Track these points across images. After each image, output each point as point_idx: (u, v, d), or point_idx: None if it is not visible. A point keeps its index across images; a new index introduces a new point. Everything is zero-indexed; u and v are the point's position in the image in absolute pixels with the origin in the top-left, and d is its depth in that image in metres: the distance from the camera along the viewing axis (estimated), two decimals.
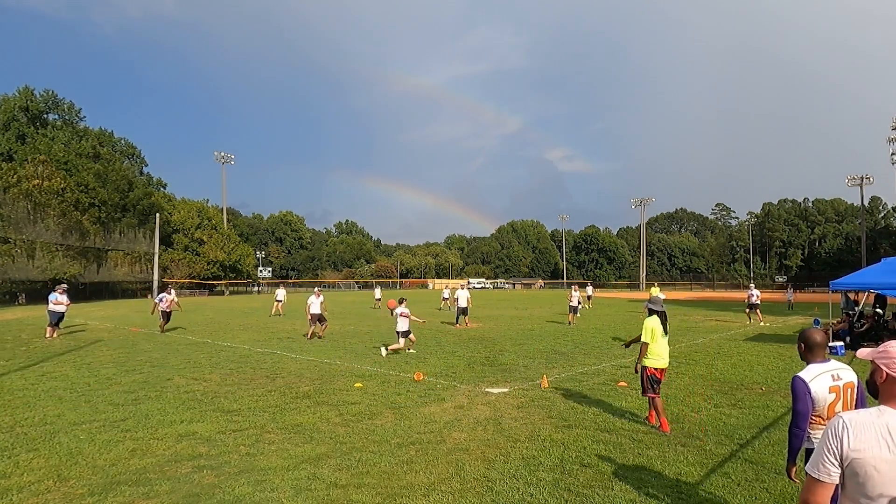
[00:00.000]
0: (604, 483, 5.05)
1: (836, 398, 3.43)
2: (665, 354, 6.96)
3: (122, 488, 4.99)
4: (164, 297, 19.65)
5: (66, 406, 8.10)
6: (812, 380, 3.44)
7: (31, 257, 41.93)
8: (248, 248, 76.69)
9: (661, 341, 6.89)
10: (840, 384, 3.46)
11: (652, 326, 6.86)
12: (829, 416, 3.46)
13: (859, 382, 3.50)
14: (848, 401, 3.45)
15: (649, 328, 6.86)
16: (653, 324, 6.88)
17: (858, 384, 3.51)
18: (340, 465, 5.56)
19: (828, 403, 3.42)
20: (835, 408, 3.43)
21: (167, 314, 19.41)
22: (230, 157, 75.07)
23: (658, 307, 7.04)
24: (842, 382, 3.47)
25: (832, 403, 3.42)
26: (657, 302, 7.11)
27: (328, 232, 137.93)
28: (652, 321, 6.91)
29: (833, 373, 3.50)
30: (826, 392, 3.42)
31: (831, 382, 3.44)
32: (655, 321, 6.92)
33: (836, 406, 3.43)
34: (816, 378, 3.45)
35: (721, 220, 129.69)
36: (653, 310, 7.04)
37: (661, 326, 6.91)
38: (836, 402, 3.43)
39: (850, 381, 3.51)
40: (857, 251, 74.32)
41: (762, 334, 17.79)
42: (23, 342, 16.14)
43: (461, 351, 13.92)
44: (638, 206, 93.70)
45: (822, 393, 3.40)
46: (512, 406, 8.00)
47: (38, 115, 60.26)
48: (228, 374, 10.70)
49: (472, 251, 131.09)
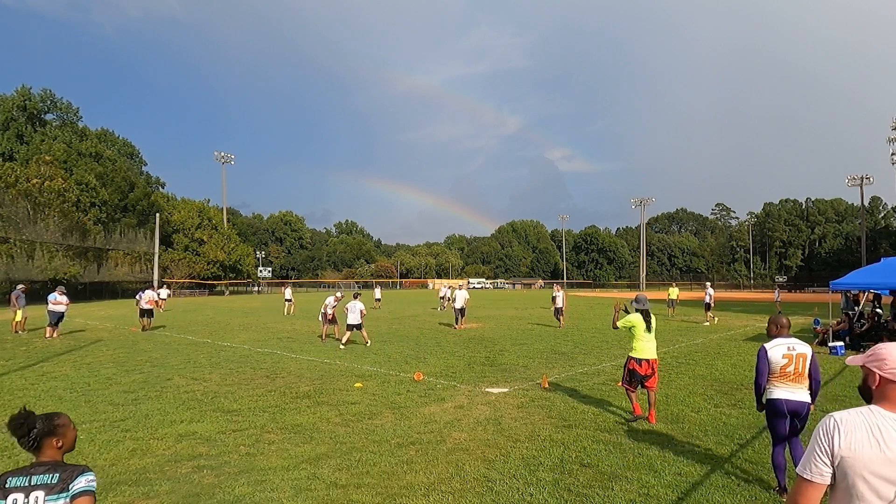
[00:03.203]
0: (604, 483, 5.05)
1: (787, 362, 4.77)
2: (649, 348, 7.29)
3: (122, 488, 4.99)
4: (142, 294, 19.78)
5: (66, 406, 8.10)
6: (771, 348, 4.85)
7: (31, 257, 41.91)
8: (248, 248, 76.75)
9: (644, 336, 7.28)
10: (794, 353, 4.78)
11: (634, 322, 7.30)
12: (780, 376, 4.77)
13: (813, 355, 4.83)
14: (798, 366, 4.75)
15: (632, 321, 7.34)
16: (635, 319, 7.32)
17: (812, 356, 4.82)
18: (340, 465, 5.56)
19: (780, 366, 4.77)
20: (786, 369, 4.75)
21: (147, 311, 19.48)
22: (230, 157, 75.06)
23: (643, 306, 7.43)
24: (795, 352, 4.78)
25: (784, 366, 4.76)
26: (642, 301, 7.50)
27: (328, 232, 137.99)
28: (635, 317, 7.34)
29: (789, 345, 4.84)
30: (780, 357, 4.79)
31: (786, 351, 4.80)
32: (638, 317, 7.33)
33: (788, 368, 4.75)
34: (775, 347, 4.85)
35: (721, 220, 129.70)
36: (638, 308, 7.42)
37: (644, 323, 7.29)
38: (788, 366, 4.76)
39: (803, 353, 4.80)
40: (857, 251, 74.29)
41: (762, 334, 17.78)
42: (23, 342, 16.14)
43: (461, 351, 13.92)
44: (638, 206, 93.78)
45: (776, 357, 4.80)
46: (512, 406, 8.00)
47: (37, 114, 60.26)
48: (228, 374, 10.70)
49: (472, 251, 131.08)
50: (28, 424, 2.30)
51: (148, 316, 19.64)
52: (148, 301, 19.65)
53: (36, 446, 2.31)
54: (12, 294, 19.04)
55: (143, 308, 19.61)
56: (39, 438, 2.31)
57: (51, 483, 2.22)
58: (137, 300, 20.03)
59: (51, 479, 2.23)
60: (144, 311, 19.59)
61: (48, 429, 2.32)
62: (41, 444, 2.32)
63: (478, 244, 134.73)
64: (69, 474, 2.25)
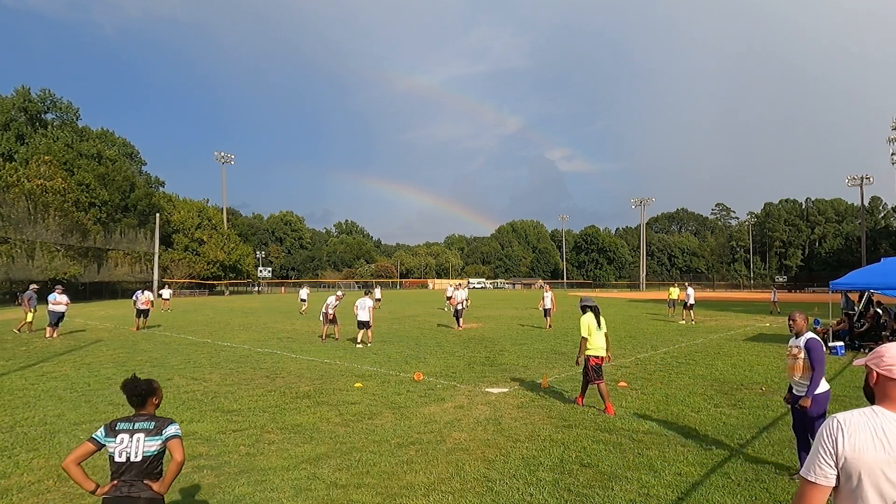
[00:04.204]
0: (604, 483, 5.05)
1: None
2: (602, 344, 7.66)
3: None
4: (139, 294, 20.07)
5: (66, 406, 8.10)
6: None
7: (31, 257, 41.90)
8: (248, 248, 76.72)
9: (596, 333, 7.62)
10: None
11: (587, 322, 7.62)
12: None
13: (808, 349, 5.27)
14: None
15: (585, 324, 7.62)
16: (588, 320, 7.64)
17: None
18: (340, 465, 5.56)
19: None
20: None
21: (143, 311, 19.85)
22: (230, 157, 75.03)
23: (590, 304, 7.82)
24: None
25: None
26: (589, 300, 7.96)
27: (328, 232, 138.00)
28: (587, 317, 7.66)
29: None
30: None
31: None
32: (590, 317, 7.66)
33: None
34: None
35: (721, 220, 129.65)
36: (586, 306, 7.79)
37: (595, 321, 7.63)
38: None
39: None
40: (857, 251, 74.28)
41: (762, 334, 17.79)
42: (23, 342, 16.14)
43: (461, 351, 13.92)
44: (638, 206, 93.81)
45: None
46: (512, 406, 8.00)
47: (37, 114, 60.26)
48: (228, 374, 10.70)
49: (472, 251, 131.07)
50: (137, 386, 3.11)
51: (143, 316, 19.98)
52: (144, 302, 19.92)
53: (140, 402, 3.11)
54: (24, 295, 19.23)
55: (139, 308, 19.89)
56: (144, 396, 3.11)
57: (149, 428, 3.00)
58: (135, 300, 20.20)
59: (149, 425, 3.01)
60: (140, 311, 19.91)
61: (150, 389, 3.14)
62: (145, 401, 3.12)
63: (478, 244, 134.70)
64: (162, 423, 3.04)
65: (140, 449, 2.95)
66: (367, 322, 14.61)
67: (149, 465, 2.96)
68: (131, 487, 2.92)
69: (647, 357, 12.86)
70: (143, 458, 2.95)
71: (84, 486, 2.92)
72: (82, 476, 2.91)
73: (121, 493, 2.91)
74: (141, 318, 19.88)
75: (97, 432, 3.02)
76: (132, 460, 2.94)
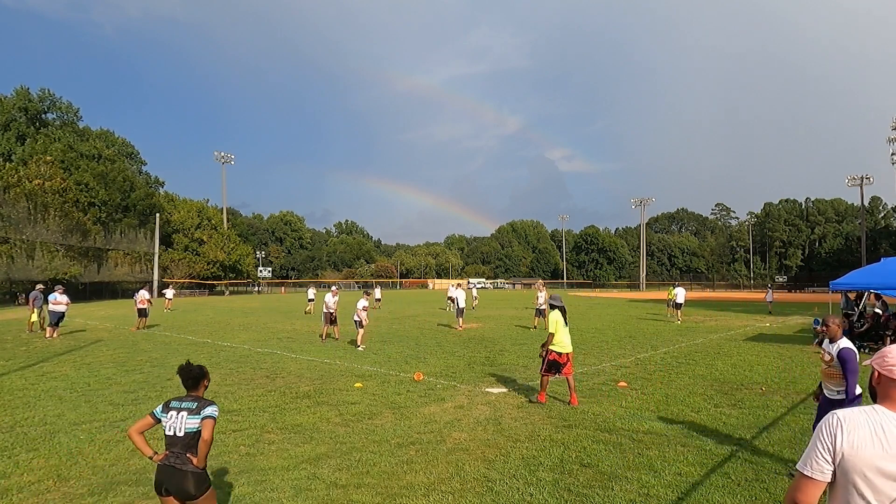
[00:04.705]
0: (604, 483, 5.05)
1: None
2: (567, 342, 8.10)
3: (122, 488, 4.99)
4: (137, 294, 20.34)
5: (66, 406, 8.10)
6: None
7: (31, 257, 41.91)
8: (248, 248, 76.70)
9: (563, 331, 8.08)
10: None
11: (556, 319, 8.06)
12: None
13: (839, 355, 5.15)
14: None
15: (554, 320, 8.07)
16: (556, 317, 8.08)
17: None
18: (340, 465, 5.56)
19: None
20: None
21: (141, 311, 19.97)
22: (230, 157, 75.05)
23: (559, 303, 8.23)
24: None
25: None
26: (557, 298, 8.38)
27: (328, 232, 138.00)
28: (555, 314, 8.10)
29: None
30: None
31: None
32: (558, 314, 8.10)
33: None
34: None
35: (721, 220, 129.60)
36: (554, 305, 8.22)
37: (563, 319, 8.10)
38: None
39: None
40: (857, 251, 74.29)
41: (762, 334, 17.79)
42: (23, 342, 16.14)
43: (461, 351, 13.92)
44: (638, 206, 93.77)
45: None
46: (512, 406, 8.00)
47: (37, 114, 60.25)
48: (228, 374, 10.70)
49: (472, 251, 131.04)
50: (191, 371, 3.59)
51: (141, 315, 20.03)
52: (140, 301, 20.04)
53: (193, 385, 3.57)
54: (30, 295, 19.38)
55: (138, 308, 19.95)
56: (197, 379, 3.59)
57: (191, 408, 3.45)
58: (135, 300, 20.27)
59: (192, 405, 3.47)
60: (138, 311, 19.97)
61: (202, 374, 3.62)
62: (197, 384, 3.58)
63: (478, 244, 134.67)
64: (203, 404, 3.47)
65: (183, 425, 3.40)
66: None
67: (190, 440, 3.39)
68: (177, 459, 3.37)
69: (647, 357, 12.86)
70: (185, 433, 3.39)
71: (144, 451, 3.46)
72: (143, 443, 3.47)
73: (169, 463, 3.38)
74: (139, 318, 19.95)
75: (156, 409, 3.55)
76: (177, 435, 3.41)
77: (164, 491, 3.41)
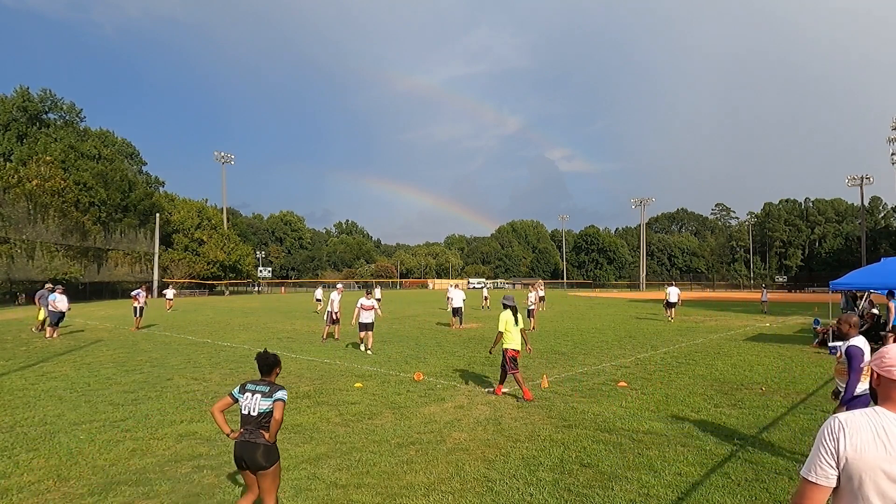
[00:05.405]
0: (604, 483, 5.05)
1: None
2: (518, 339, 8.45)
3: (122, 488, 4.99)
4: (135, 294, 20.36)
5: (66, 406, 8.10)
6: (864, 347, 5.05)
7: (31, 257, 41.90)
8: (248, 248, 76.67)
9: (513, 329, 8.41)
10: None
11: (505, 318, 8.41)
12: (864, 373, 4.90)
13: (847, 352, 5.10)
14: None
15: (503, 319, 8.42)
16: (506, 316, 8.43)
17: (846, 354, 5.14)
18: (340, 465, 5.56)
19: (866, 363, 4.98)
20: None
21: (136, 310, 20.01)
22: (230, 157, 74.96)
23: (511, 303, 8.55)
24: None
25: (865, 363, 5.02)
26: (510, 299, 8.67)
27: (328, 232, 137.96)
28: (505, 314, 8.44)
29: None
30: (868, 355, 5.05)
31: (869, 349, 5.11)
32: (508, 314, 8.43)
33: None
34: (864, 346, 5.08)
35: (721, 220, 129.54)
36: (506, 305, 8.52)
37: (513, 318, 8.42)
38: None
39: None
40: (857, 251, 74.28)
41: (762, 334, 17.79)
42: (23, 342, 16.13)
43: (461, 351, 13.92)
44: (638, 206, 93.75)
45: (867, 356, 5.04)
46: (512, 406, 8.00)
47: (37, 114, 60.22)
48: (228, 374, 10.70)
49: (472, 251, 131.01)
50: (268, 358, 4.01)
51: (136, 314, 20.08)
52: (136, 299, 20.14)
53: (268, 371, 4.00)
54: (37, 294, 19.51)
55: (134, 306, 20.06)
56: (271, 366, 4.01)
57: (264, 391, 3.89)
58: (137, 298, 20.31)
59: (265, 388, 3.91)
60: (138, 309, 20.00)
61: (276, 361, 4.05)
62: (271, 370, 4.00)
63: (478, 244, 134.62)
64: (274, 388, 3.91)
65: (256, 406, 3.84)
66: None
67: (263, 419, 3.83)
68: (251, 434, 3.82)
69: (647, 357, 12.85)
70: (258, 413, 3.83)
71: (224, 429, 3.93)
72: (223, 421, 3.94)
73: (244, 439, 3.82)
74: (136, 318, 19.97)
75: (234, 390, 4.01)
76: (251, 414, 3.84)
77: (243, 464, 3.85)
